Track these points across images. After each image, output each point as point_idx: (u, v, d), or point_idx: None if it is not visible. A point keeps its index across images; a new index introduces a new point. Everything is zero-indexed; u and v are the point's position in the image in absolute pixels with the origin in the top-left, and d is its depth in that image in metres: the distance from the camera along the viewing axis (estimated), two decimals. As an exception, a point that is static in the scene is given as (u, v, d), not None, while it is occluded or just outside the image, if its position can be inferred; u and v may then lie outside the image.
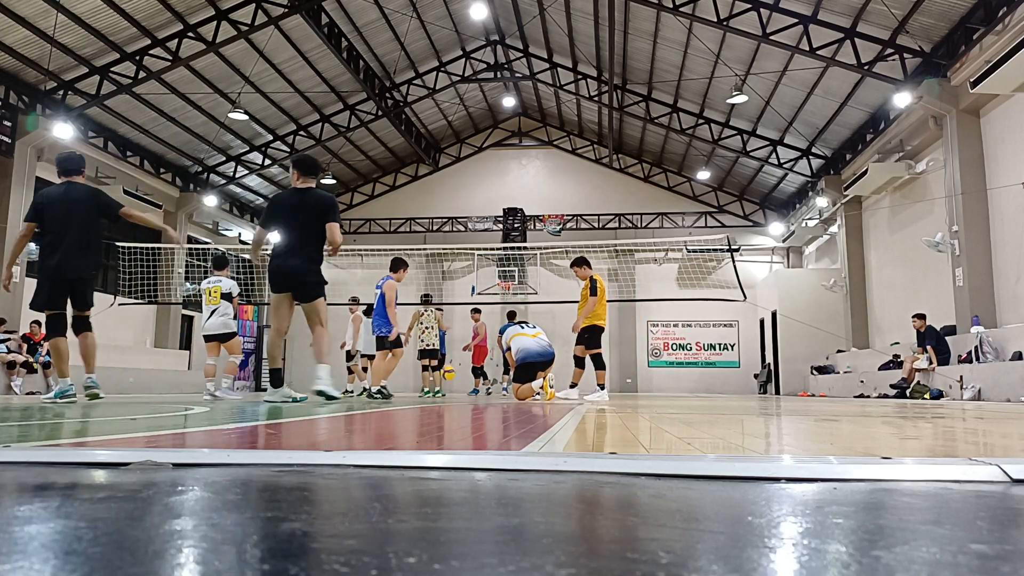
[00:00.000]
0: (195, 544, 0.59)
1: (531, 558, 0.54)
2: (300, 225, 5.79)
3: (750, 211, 23.15)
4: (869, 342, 17.03)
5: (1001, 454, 1.68)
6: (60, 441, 1.80)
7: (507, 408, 4.59)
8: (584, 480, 1.01)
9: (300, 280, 5.83)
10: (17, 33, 12.94)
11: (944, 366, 11.58)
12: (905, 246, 15.31)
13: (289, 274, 5.82)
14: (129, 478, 1.01)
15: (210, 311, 8.91)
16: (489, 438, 2.12)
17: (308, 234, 5.80)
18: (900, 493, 0.92)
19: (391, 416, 3.39)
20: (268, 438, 2.02)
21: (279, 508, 0.78)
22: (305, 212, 5.78)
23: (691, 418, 3.33)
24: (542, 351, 8.85)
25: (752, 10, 13.43)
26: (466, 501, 0.86)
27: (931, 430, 2.59)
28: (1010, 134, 11.60)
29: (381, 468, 1.13)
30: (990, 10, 11.14)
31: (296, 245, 5.78)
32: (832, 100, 15.67)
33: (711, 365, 22.43)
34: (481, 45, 19.81)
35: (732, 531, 0.68)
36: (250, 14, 14.38)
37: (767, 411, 4.66)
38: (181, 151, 18.58)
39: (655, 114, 19.40)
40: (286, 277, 5.83)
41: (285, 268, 5.81)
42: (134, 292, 17.14)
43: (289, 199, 5.95)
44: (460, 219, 23.86)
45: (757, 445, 1.96)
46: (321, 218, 5.79)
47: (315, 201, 5.84)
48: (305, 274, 5.83)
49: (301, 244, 5.79)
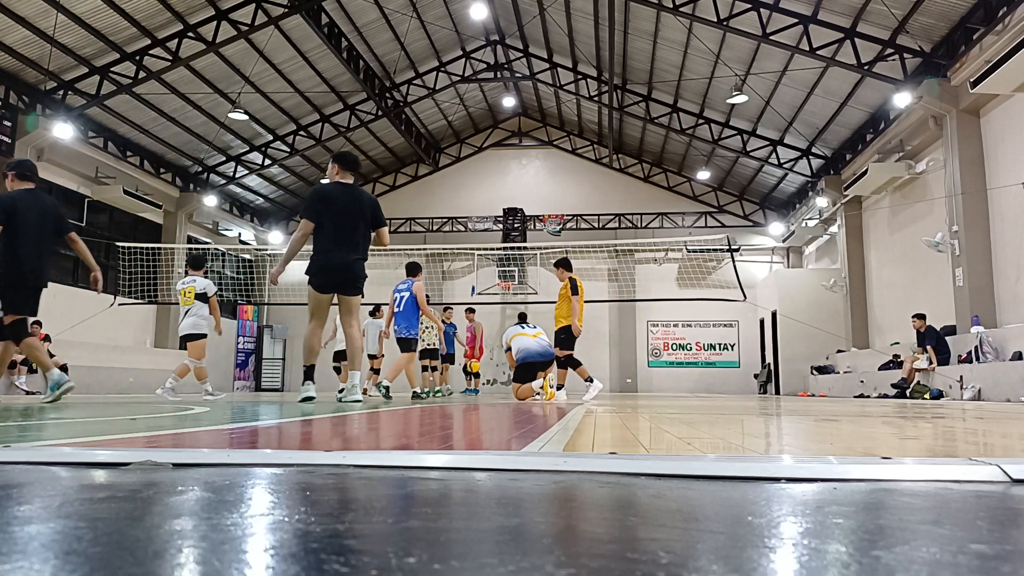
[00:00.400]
0: (195, 544, 0.59)
1: (531, 558, 0.54)
2: (351, 221, 5.70)
3: (750, 211, 23.15)
4: (869, 342, 17.03)
5: (1001, 454, 1.68)
6: (60, 441, 1.80)
7: (507, 408, 4.59)
8: (584, 480, 1.01)
9: (353, 275, 5.77)
10: (17, 33, 12.94)
11: (944, 366, 11.58)
12: (905, 246, 15.31)
13: (343, 269, 5.71)
14: (129, 478, 1.01)
15: (184, 311, 8.80)
16: (489, 438, 2.12)
17: (358, 230, 5.73)
18: (900, 493, 0.92)
19: (392, 416, 3.39)
20: (268, 438, 2.02)
21: (279, 508, 0.78)
22: (356, 208, 5.72)
23: (691, 418, 3.33)
24: (542, 351, 8.86)
25: (752, 10, 13.43)
26: (466, 501, 0.86)
27: (931, 430, 2.59)
28: (1010, 134, 11.60)
29: (381, 468, 1.13)
30: (990, 10, 11.14)
31: (348, 241, 5.68)
32: (832, 100, 15.68)
33: (711, 365, 22.43)
34: (481, 45, 19.82)
35: (732, 531, 0.68)
36: (250, 14, 14.38)
37: (767, 411, 4.66)
38: (181, 151, 18.59)
39: (655, 114, 19.40)
40: (339, 273, 5.72)
41: (339, 263, 5.68)
42: (134, 292, 17.14)
43: (340, 193, 5.78)
44: (460, 219, 23.86)
45: (757, 445, 1.96)
46: (371, 217, 5.78)
47: (366, 199, 5.85)
48: (359, 270, 5.80)
49: (353, 240, 5.71)
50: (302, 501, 0.83)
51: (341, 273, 5.72)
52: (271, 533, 0.64)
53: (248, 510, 0.77)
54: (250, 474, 1.07)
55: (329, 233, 5.67)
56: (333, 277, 5.73)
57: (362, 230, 5.76)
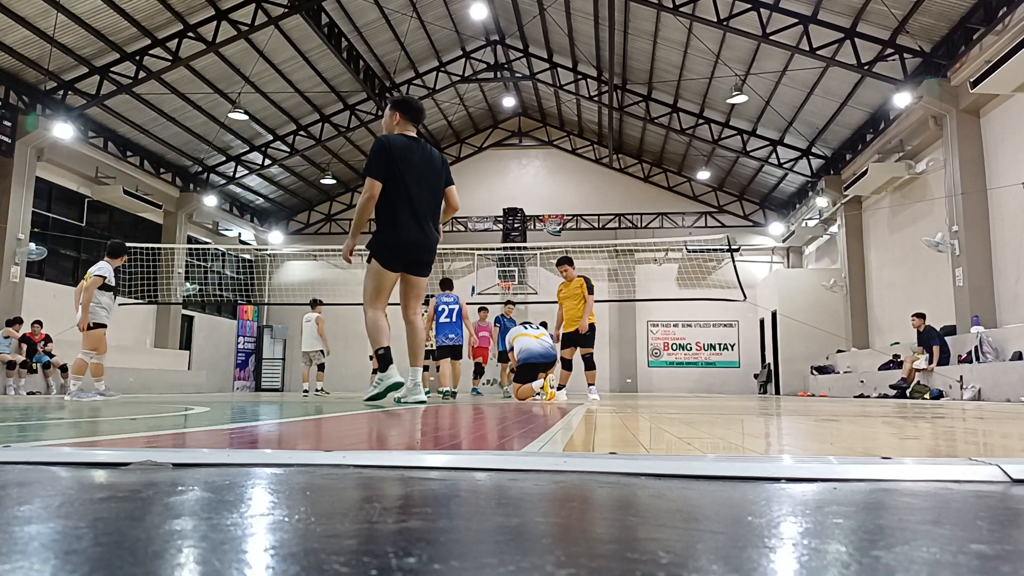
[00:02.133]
0: (195, 544, 0.59)
1: (531, 558, 0.54)
2: (427, 183, 4.76)
3: (750, 211, 23.16)
4: (869, 342, 17.03)
5: (1001, 454, 1.68)
6: (60, 441, 1.80)
7: (507, 408, 4.59)
8: (584, 480, 1.01)
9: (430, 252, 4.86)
10: (17, 33, 12.94)
11: (944, 366, 11.58)
12: (905, 246, 15.31)
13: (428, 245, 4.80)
14: (129, 478, 1.01)
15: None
16: (489, 438, 2.12)
17: (434, 195, 4.85)
18: (900, 493, 0.92)
19: (393, 417, 3.39)
20: (269, 438, 2.02)
21: (279, 508, 0.78)
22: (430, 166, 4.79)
23: (691, 418, 3.33)
24: (544, 352, 8.85)
25: (752, 10, 13.44)
26: (466, 501, 0.86)
27: (931, 430, 2.59)
28: (1010, 134, 11.60)
29: (381, 468, 1.13)
30: (990, 10, 11.14)
31: (425, 209, 4.76)
32: (832, 100, 15.68)
33: (711, 365, 22.43)
34: (481, 45, 19.82)
35: (732, 531, 0.68)
36: (250, 14, 14.38)
37: (767, 411, 4.67)
38: (181, 151, 18.59)
39: (655, 114, 19.40)
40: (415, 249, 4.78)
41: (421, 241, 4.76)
42: (134, 292, 17.14)
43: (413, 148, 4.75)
44: (460, 219, 23.87)
45: (757, 445, 1.96)
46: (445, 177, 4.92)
47: (437, 155, 4.91)
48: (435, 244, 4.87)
49: (431, 208, 4.82)
50: (302, 501, 0.83)
51: (417, 250, 4.78)
52: (271, 533, 0.64)
53: (248, 510, 0.77)
54: (250, 474, 1.07)
55: (403, 197, 4.66)
56: (408, 254, 4.79)
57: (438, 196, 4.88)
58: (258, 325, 24.06)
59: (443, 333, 10.32)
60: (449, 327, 10.36)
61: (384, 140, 4.73)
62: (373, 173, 4.62)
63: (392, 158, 4.64)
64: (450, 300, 10.48)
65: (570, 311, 8.62)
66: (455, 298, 10.53)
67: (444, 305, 10.42)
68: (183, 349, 19.87)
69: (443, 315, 10.39)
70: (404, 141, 4.76)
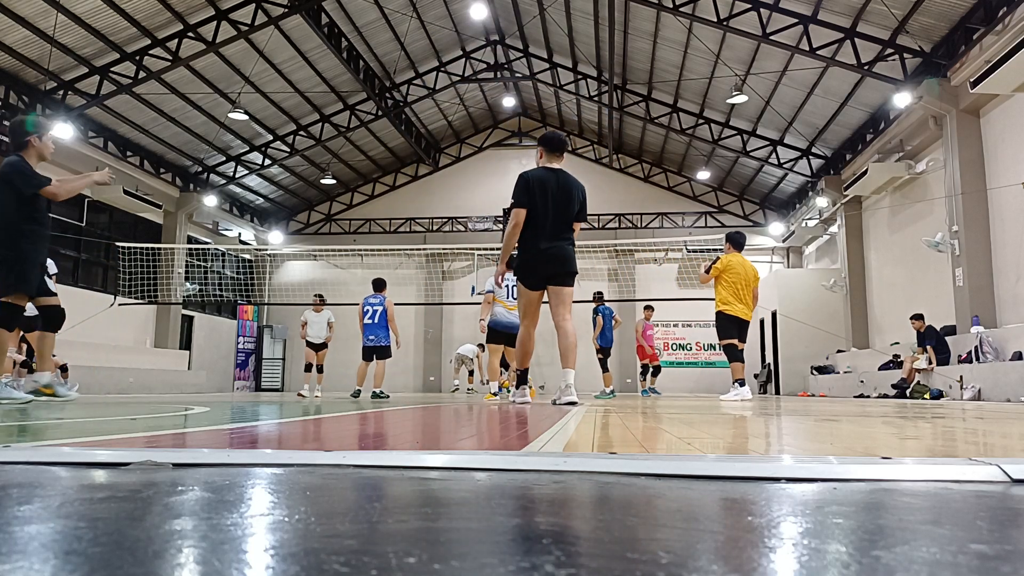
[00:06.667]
0: (195, 544, 0.59)
1: (531, 558, 0.54)
2: (562, 209, 5.42)
3: (750, 211, 23.15)
4: (869, 342, 17.03)
5: (1001, 454, 1.68)
6: (60, 441, 1.80)
7: (507, 408, 4.59)
8: (584, 480, 1.01)
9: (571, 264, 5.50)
10: (17, 33, 12.95)
11: (944, 366, 11.58)
12: (905, 246, 15.31)
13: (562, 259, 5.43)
14: (129, 478, 1.01)
15: None
16: (490, 438, 2.12)
17: (569, 218, 5.47)
18: (900, 493, 0.92)
19: (393, 416, 3.40)
20: (269, 438, 2.02)
21: (279, 508, 0.78)
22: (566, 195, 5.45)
23: (691, 418, 3.33)
24: (508, 323, 9.33)
25: (752, 10, 13.44)
26: (466, 501, 0.86)
27: (931, 430, 2.59)
28: (1010, 134, 11.60)
29: (381, 468, 1.13)
30: (990, 10, 11.14)
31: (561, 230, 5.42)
32: (832, 100, 15.68)
33: (711, 365, 22.42)
34: (481, 45, 19.82)
35: (732, 531, 0.68)
36: (250, 14, 14.39)
37: (767, 411, 4.66)
38: (181, 151, 18.59)
39: (655, 114, 19.40)
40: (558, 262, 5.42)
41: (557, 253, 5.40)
42: (134, 292, 17.14)
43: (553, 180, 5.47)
44: (460, 219, 23.87)
45: (757, 445, 1.96)
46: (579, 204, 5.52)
47: (576, 185, 5.54)
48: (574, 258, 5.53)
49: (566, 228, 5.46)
50: (302, 501, 0.83)
51: (552, 264, 5.43)
52: (271, 533, 0.64)
53: (248, 510, 0.77)
54: (250, 474, 1.07)
55: (541, 223, 5.38)
56: (545, 269, 5.45)
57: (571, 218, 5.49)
58: (258, 325, 24.07)
59: (365, 334, 10.42)
60: (370, 328, 10.40)
61: (524, 175, 5.53)
62: (518, 202, 5.41)
63: (532, 190, 5.39)
64: (376, 301, 10.50)
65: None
66: (381, 299, 10.50)
67: (369, 306, 10.50)
68: (183, 349, 19.87)
69: (367, 315, 10.45)
70: (542, 173, 5.50)
